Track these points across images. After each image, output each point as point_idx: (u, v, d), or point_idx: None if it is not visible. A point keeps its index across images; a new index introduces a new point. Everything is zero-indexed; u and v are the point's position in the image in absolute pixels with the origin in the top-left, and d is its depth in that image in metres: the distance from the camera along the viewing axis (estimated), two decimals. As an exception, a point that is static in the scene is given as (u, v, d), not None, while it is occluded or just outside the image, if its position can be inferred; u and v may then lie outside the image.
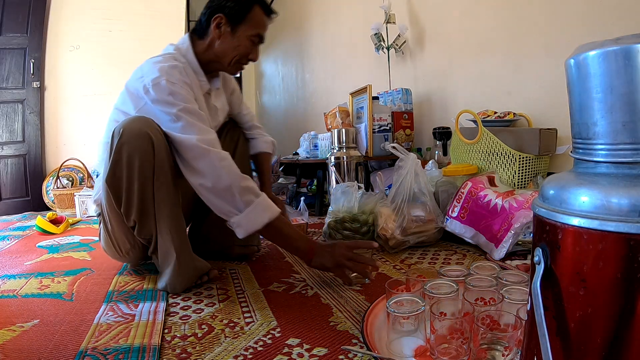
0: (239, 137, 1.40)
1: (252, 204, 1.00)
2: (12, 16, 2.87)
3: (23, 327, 0.87)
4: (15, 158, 2.96)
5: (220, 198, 1.00)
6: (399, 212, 1.38)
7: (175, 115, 1.01)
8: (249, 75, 7.27)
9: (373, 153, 2.05)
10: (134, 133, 0.98)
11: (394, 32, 2.29)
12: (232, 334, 0.80)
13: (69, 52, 3.11)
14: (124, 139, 0.98)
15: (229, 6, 1.11)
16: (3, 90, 2.90)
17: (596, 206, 0.38)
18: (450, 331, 0.62)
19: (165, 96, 1.02)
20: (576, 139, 0.44)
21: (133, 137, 0.98)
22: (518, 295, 0.71)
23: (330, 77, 3.59)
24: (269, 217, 1.00)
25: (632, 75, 0.37)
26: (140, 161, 0.98)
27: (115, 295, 1.06)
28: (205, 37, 1.15)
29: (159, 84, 1.02)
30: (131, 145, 0.98)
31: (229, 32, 1.13)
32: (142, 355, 0.73)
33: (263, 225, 1.00)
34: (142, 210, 1.03)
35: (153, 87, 1.02)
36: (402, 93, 2.13)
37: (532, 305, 0.43)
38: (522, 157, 1.44)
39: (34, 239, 1.87)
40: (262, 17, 1.15)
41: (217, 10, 1.12)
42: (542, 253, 0.42)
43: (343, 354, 0.71)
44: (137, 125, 0.99)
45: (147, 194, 1.02)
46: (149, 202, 1.03)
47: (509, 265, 1.12)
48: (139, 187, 1.00)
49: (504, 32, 1.73)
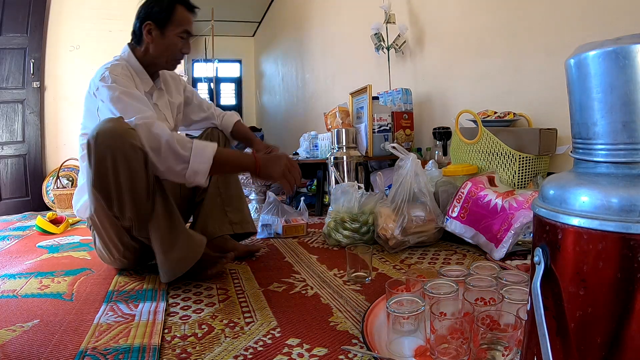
0: (218, 137, 1.47)
1: (192, 149, 1.04)
2: (12, 16, 2.87)
3: (23, 327, 0.87)
4: (15, 158, 2.96)
5: (167, 159, 1.03)
6: (399, 212, 1.38)
7: (117, 98, 1.08)
8: (249, 75, 7.28)
9: (373, 153, 2.05)
10: (108, 133, 1.00)
11: (394, 32, 2.29)
12: (232, 334, 0.81)
13: (69, 52, 3.11)
14: (100, 140, 1.00)
15: (154, 12, 1.22)
16: (3, 90, 2.90)
17: (596, 206, 0.38)
18: (450, 331, 0.62)
19: (109, 84, 1.11)
20: (576, 139, 0.44)
21: (108, 137, 1.00)
22: (518, 295, 0.71)
23: (330, 77, 3.59)
24: (211, 150, 1.05)
25: (632, 75, 0.37)
26: (122, 156, 1.00)
27: (115, 295, 1.06)
28: (141, 43, 1.26)
29: (104, 76, 1.13)
30: (108, 144, 0.99)
31: (159, 35, 1.24)
32: (142, 355, 0.73)
33: (211, 160, 1.04)
34: (136, 204, 1.04)
35: (100, 81, 1.13)
36: (402, 93, 2.13)
37: (532, 305, 0.43)
38: (522, 157, 1.44)
39: (34, 239, 1.87)
40: (185, 14, 1.26)
41: (146, 18, 1.23)
42: (542, 253, 0.42)
43: (343, 354, 0.71)
44: (109, 125, 1.01)
45: (138, 185, 1.03)
46: (142, 195, 1.04)
47: (509, 265, 1.12)
48: (128, 181, 1.01)
49: (504, 32, 1.73)
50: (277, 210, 1.74)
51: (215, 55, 5.23)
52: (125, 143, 0.99)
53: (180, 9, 1.24)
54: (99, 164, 1.01)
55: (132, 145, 1.00)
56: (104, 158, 1.00)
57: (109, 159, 0.99)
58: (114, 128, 1.00)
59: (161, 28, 1.23)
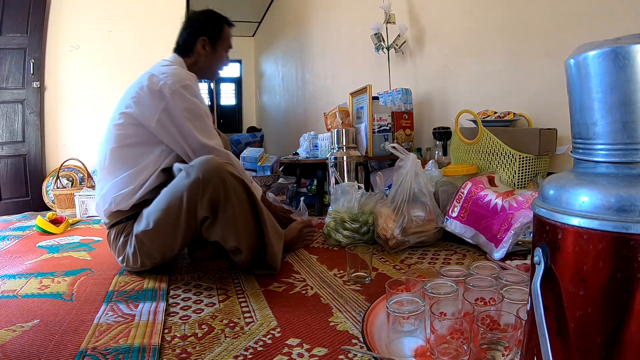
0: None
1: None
2: (12, 16, 2.87)
3: (23, 327, 0.87)
4: (15, 158, 2.96)
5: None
6: (399, 212, 1.38)
7: (200, 116, 1.24)
8: (249, 75, 7.27)
9: (373, 153, 2.05)
10: (217, 170, 1.11)
11: (394, 32, 2.29)
12: (232, 334, 0.81)
13: (69, 52, 3.11)
14: (210, 175, 1.09)
15: (208, 30, 1.38)
16: (3, 90, 2.90)
17: (596, 206, 0.38)
18: (450, 331, 0.62)
19: (191, 97, 1.23)
20: (576, 139, 0.44)
21: (217, 174, 1.10)
22: (518, 295, 0.71)
23: (330, 77, 3.59)
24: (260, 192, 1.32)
25: (632, 75, 0.37)
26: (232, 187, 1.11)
27: (115, 295, 1.06)
28: (191, 55, 1.38)
29: (187, 85, 1.22)
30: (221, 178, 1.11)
31: (211, 50, 1.40)
32: (142, 355, 0.73)
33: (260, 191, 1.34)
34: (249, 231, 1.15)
35: (182, 87, 1.21)
36: (402, 93, 2.13)
37: (532, 305, 0.43)
38: (522, 157, 1.44)
39: (34, 239, 1.87)
40: (229, 31, 1.44)
41: (200, 34, 1.37)
42: (542, 253, 0.42)
43: (343, 354, 0.71)
44: (214, 163, 1.11)
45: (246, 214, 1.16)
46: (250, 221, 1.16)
47: (509, 265, 1.12)
48: (239, 209, 1.13)
49: (504, 32, 1.73)
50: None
51: (215, 55, 5.21)
52: (232, 176, 1.12)
53: (225, 27, 1.42)
54: (213, 194, 1.09)
55: (235, 177, 1.13)
56: (217, 190, 1.10)
57: (222, 191, 1.10)
58: (220, 165, 1.11)
59: (213, 43, 1.39)
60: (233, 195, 1.10)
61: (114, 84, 3.17)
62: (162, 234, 1.14)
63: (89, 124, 3.14)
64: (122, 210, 1.21)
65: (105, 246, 1.66)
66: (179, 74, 1.24)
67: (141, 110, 1.21)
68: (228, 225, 1.11)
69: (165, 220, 1.12)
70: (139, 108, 1.21)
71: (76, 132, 3.15)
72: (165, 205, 1.12)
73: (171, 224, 1.12)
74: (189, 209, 1.09)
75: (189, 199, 1.09)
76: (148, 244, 1.16)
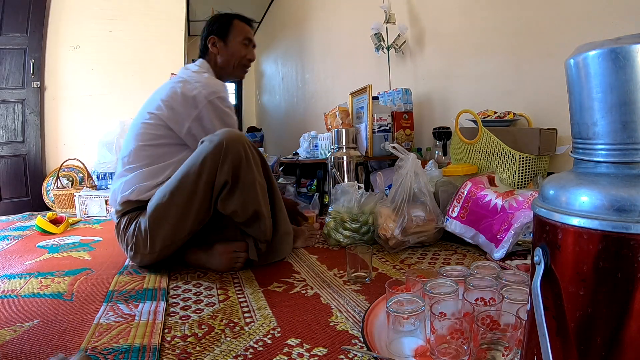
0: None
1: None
2: (12, 16, 2.87)
3: (23, 327, 0.87)
4: (15, 158, 2.96)
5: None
6: (399, 212, 1.38)
7: (230, 127, 1.28)
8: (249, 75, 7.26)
9: (373, 153, 2.05)
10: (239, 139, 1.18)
11: (394, 32, 2.29)
12: (232, 334, 0.81)
13: (69, 52, 3.11)
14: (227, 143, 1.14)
15: (215, 28, 1.42)
16: (3, 90, 2.90)
17: (596, 206, 0.38)
18: (450, 331, 0.62)
19: (226, 109, 1.29)
20: (576, 139, 0.44)
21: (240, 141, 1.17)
22: (518, 295, 0.71)
23: (330, 77, 3.59)
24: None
25: (632, 75, 0.37)
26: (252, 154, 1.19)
27: (115, 295, 1.06)
28: (209, 57, 1.44)
29: (222, 97, 1.29)
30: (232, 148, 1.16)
31: (223, 46, 1.42)
32: (142, 355, 0.73)
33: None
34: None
35: (217, 98, 1.27)
36: (402, 93, 2.13)
37: (532, 305, 0.43)
38: (522, 157, 1.44)
39: (34, 239, 1.87)
40: (242, 25, 1.45)
41: (208, 34, 1.42)
42: (542, 253, 0.42)
43: (343, 354, 0.71)
44: (237, 134, 1.18)
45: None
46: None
47: (509, 265, 1.12)
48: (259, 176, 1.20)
49: (504, 32, 1.73)
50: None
51: (215, 55, 5.21)
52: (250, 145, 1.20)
53: (237, 22, 1.44)
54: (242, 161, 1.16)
55: (255, 147, 1.22)
56: (239, 154, 1.14)
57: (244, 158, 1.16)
58: (242, 134, 1.20)
59: (224, 39, 1.42)
60: (253, 162, 1.16)
61: (114, 84, 3.17)
62: (176, 207, 1.15)
63: (89, 124, 3.14)
64: (139, 200, 1.24)
65: (105, 246, 1.66)
66: (214, 84, 1.30)
67: (173, 115, 1.27)
68: (249, 189, 1.15)
69: (180, 190, 1.14)
70: (170, 112, 1.27)
71: (76, 132, 3.15)
72: (184, 173, 1.15)
73: (187, 195, 1.14)
74: (210, 172, 1.13)
75: (211, 162, 1.12)
76: (160, 221, 1.16)
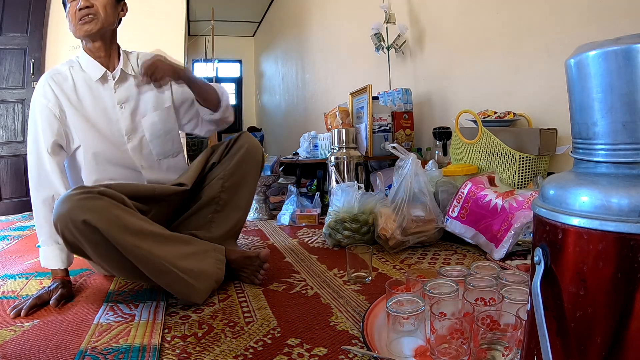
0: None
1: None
2: (12, 16, 2.86)
3: (23, 327, 0.87)
4: (15, 158, 2.95)
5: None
6: (399, 212, 1.38)
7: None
8: (249, 75, 7.27)
9: (373, 153, 2.05)
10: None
11: (394, 32, 2.29)
12: (232, 334, 0.81)
13: (69, 52, 3.11)
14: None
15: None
16: (3, 90, 2.90)
17: (596, 206, 0.38)
18: (450, 331, 0.62)
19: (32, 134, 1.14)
20: (576, 139, 0.44)
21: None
22: (518, 295, 0.71)
23: (330, 77, 3.59)
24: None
25: (632, 75, 0.37)
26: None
27: (115, 295, 1.06)
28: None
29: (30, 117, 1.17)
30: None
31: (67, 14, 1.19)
32: (142, 355, 0.73)
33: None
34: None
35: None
36: (402, 93, 2.13)
37: (532, 305, 0.43)
38: (522, 157, 1.44)
39: (34, 239, 1.87)
40: None
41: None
42: (542, 253, 0.42)
43: (343, 354, 0.71)
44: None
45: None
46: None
47: (509, 265, 1.12)
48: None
49: (504, 32, 1.73)
50: (296, 201, 2.06)
51: (215, 55, 5.23)
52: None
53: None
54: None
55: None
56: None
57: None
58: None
59: (65, 5, 1.19)
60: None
61: (114, 84, 3.17)
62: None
63: (89, 124, 3.14)
64: None
65: (105, 246, 1.66)
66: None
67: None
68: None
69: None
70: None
71: (76, 132, 3.14)
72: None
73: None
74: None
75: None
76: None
